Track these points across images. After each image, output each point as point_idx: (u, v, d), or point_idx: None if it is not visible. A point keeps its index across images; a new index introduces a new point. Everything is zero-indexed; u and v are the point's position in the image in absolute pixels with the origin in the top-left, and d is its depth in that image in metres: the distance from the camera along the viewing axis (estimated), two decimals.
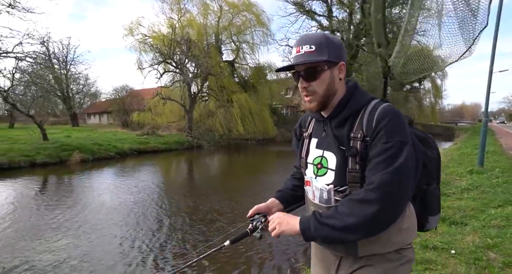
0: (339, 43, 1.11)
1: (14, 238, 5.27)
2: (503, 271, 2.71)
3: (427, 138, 1.24)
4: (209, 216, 6.49)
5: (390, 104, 1.07)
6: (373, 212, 0.95)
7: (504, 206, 4.47)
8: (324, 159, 1.14)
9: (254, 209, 1.30)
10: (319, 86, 1.09)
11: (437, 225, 1.29)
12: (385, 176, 0.97)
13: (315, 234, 1.03)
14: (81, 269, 4.23)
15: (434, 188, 1.20)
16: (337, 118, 1.12)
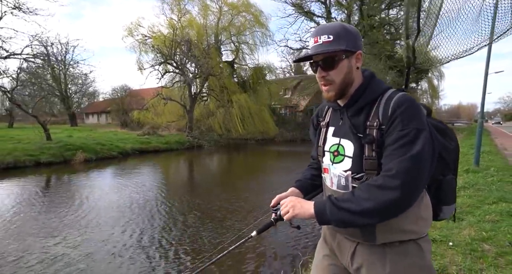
0: (356, 33, 1.13)
1: (23, 235, 5.49)
2: (496, 260, 2.96)
3: (446, 128, 1.25)
4: (218, 214, 6.72)
5: (406, 93, 1.08)
6: (392, 198, 0.97)
7: (498, 203, 4.74)
8: (341, 146, 1.16)
9: (276, 198, 1.32)
10: (337, 75, 1.11)
11: (454, 216, 1.30)
12: (404, 163, 0.98)
13: (330, 217, 1.04)
14: (91, 266, 4.45)
15: (450, 178, 1.21)
16: (353, 107, 1.14)
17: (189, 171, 14.38)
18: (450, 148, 1.21)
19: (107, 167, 13.13)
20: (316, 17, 29.44)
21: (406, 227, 1.08)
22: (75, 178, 10.86)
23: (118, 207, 7.16)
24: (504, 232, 3.59)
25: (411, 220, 1.08)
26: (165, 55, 21.78)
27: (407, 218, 1.06)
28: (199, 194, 8.81)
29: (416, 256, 1.09)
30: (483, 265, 2.90)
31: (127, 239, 5.30)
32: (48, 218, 6.35)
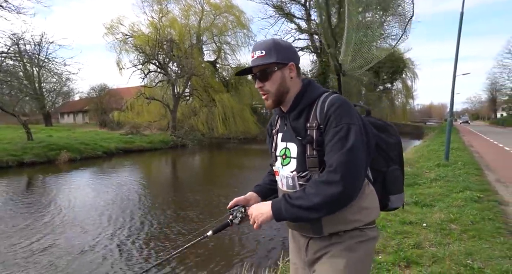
0: (287, 46, 1.24)
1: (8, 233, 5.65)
2: (460, 236, 3.54)
3: (386, 125, 1.36)
4: (200, 209, 7.06)
5: (338, 95, 1.20)
6: (336, 191, 1.06)
7: (463, 191, 5.41)
8: (288, 149, 1.25)
9: (233, 201, 1.40)
10: (272, 85, 1.21)
11: (403, 204, 1.37)
12: (341, 157, 1.07)
13: (285, 214, 1.13)
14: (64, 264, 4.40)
15: (393, 169, 1.30)
16: (294, 112, 1.23)
17: (173, 169, 14.58)
18: (390, 141, 1.31)
19: (92, 167, 13.11)
20: (296, 19, 30.24)
21: (350, 217, 1.16)
22: (60, 178, 10.84)
23: (100, 205, 7.19)
24: (468, 214, 4.21)
25: (354, 210, 1.16)
26: (148, 54, 21.71)
27: (350, 208, 1.14)
28: (179, 191, 9.14)
29: (357, 240, 1.18)
30: (450, 240, 3.47)
31: (96, 236, 5.35)
32: (32, 217, 6.37)
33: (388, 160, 1.30)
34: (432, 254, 3.10)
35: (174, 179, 12.03)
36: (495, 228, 3.69)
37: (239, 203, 1.39)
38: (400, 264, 2.96)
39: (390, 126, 1.36)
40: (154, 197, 8.19)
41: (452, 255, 3.04)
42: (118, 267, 4.32)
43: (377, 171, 1.27)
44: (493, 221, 3.93)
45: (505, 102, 53.95)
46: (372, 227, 1.22)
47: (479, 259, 2.93)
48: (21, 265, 4.32)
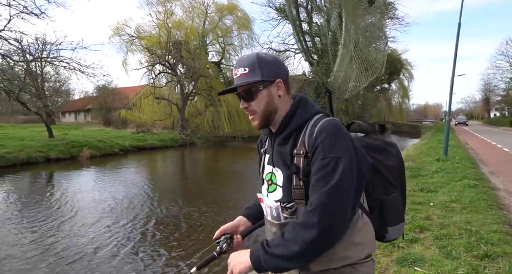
0: (273, 61, 1.11)
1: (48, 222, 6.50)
2: (461, 211, 4.46)
3: (386, 146, 1.22)
4: (231, 201, 7.98)
5: (330, 119, 1.05)
6: (314, 235, 0.93)
7: (462, 180, 6.34)
8: (273, 175, 1.13)
9: (220, 230, 1.29)
10: (257, 105, 1.09)
11: (403, 234, 1.24)
12: (322, 196, 0.95)
13: (265, 266, 1.00)
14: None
15: (393, 197, 1.16)
16: (281, 135, 1.10)
17: (189, 165, 15.45)
18: (390, 164, 1.18)
19: (112, 163, 13.93)
20: (298, 22, 31.04)
21: (340, 254, 1.04)
22: (85, 172, 11.69)
23: (127, 197, 7.82)
24: (466, 196, 5.14)
25: (344, 246, 1.03)
26: (159, 56, 22.51)
27: (340, 245, 1.01)
28: (205, 184, 10.00)
29: None
30: (453, 214, 4.39)
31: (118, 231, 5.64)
32: (65, 204, 7.31)
33: (387, 185, 1.16)
34: (439, 223, 4.01)
35: (194, 174, 12.90)
36: (488, 205, 4.63)
37: (227, 231, 1.28)
38: (415, 230, 3.86)
39: (391, 146, 1.23)
40: (175, 191, 9.06)
41: (455, 223, 3.95)
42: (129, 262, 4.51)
43: (374, 199, 1.14)
44: (487, 201, 4.87)
45: (498, 102, 55.43)
46: (366, 261, 1.09)
47: (476, 225, 3.85)
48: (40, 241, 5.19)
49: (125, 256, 4.66)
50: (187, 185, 10.08)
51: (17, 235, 5.33)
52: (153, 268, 4.33)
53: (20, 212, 6.67)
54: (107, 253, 4.72)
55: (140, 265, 4.40)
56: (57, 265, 4.31)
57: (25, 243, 4.97)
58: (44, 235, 5.29)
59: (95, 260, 4.48)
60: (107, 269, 4.24)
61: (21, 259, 4.47)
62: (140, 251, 4.83)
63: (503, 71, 44.74)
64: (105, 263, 4.40)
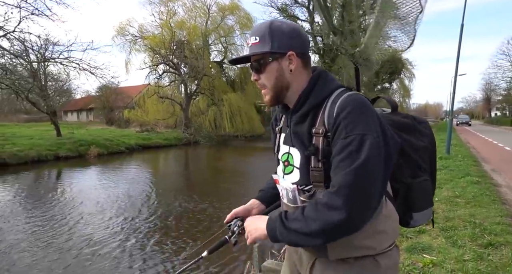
0: (287, 31, 0.99)
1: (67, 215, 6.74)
2: (464, 205, 4.69)
3: (414, 124, 1.12)
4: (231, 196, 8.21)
5: (353, 93, 0.96)
6: (337, 218, 0.86)
7: (465, 177, 6.57)
8: (290, 155, 1.06)
9: (231, 213, 1.25)
10: (267, 79, 1.02)
11: (433, 220, 1.18)
12: (347, 177, 0.86)
13: (280, 237, 0.96)
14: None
15: (421, 180, 1.07)
16: (298, 113, 1.02)
17: (194, 163, 15.67)
18: (420, 144, 1.09)
19: (119, 161, 14.18)
20: (299, 21, 31.29)
21: (361, 243, 0.98)
22: (93, 170, 11.94)
23: (137, 194, 8.04)
24: (469, 191, 5.37)
25: (367, 234, 0.97)
26: (163, 56, 22.74)
27: (361, 233, 0.93)
28: (211, 181, 10.25)
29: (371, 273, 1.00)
30: (457, 208, 4.61)
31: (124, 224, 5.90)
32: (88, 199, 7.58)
33: (416, 168, 1.08)
34: (445, 216, 4.24)
35: (200, 171, 13.13)
36: (491, 200, 4.85)
37: (238, 214, 1.24)
38: None
39: (422, 123, 1.14)
40: (184, 187, 9.31)
41: (460, 216, 4.18)
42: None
43: (399, 183, 1.05)
44: (489, 196, 5.09)
45: (499, 102, 55.59)
46: (388, 250, 1.02)
47: (479, 218, 4.07)
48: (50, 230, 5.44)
49: (138, 243, 4.98)
50: (195, 182, 10.32)
51: (32, 228, 5.58)
52: (164, 254, 4.62)
53: (33, 206, 6.94)
54: (122, 241, 5.05)
55: (152, 250, 4.70)
56: (73, 252, 4.60)
57: (42, 233, 5.23)
58: (61, 229, 5.55)
59: (110, 246, 4.79)
60: (121, 255, 4.55)
61: (37, 245, 4.79)
62: (152, 238, 5.14)
63: (504, 70, 44.98)
64: (119, 249, 4.72)
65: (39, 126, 25.17)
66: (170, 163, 15.30)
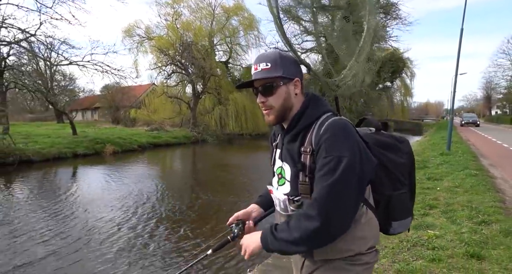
0: (293, 60, 1.18)
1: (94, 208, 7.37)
2: (463, 194, 5.30)
3: (395, 143, 1.26)
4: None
5: (336, 119, 1.09)
6: (313, 227, 1.00)
7: (464, 170, 7.18)
8: (283, 169, 1.19)
9: (233, 216, 1.37)
10: (276, 101, 1.14)
11: (408, 229, 1.29)
12: (322, 191, 1.00)
13: (272, 247, 1.10)
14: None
15: (400, 193, 1.21)
16: (291, 133, 1.16)
17: (204, 160, 16.28)
18: (399, 161, 1.22)
19: (133, 158, 14.81)
20: (303, 22, 31.82)
21: (341, 247, 1.10)
22: (113, 167, 12.54)
23: (154, 189, 8.70)
24: (468, 182, 5.98)
25: (346, 240, 1.09)
26: (171, 56, 23.36)
27: (341, 240, 1.08)
28: (223, 175, 10.87)
29: (351, 262, 1.13)
30: (456, 195, 5.23)
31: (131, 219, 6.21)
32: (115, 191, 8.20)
33: (396, 182, 1.21)
34: (445, 202, 4.85)
35: (211, 167, 13.75)
36: (486, 189, 5.47)
37: (239, 217, 1.36)
38: (425, 207, 4.69)
39: (402, 143, 1.28)
40: (196, 182, 9.91)
41: (459, 202, 4.79)
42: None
43: (380, 195, 1.19)
44: (485, 186, 5.71)
45: (500, 100, 56.07)
46: (369, 252, 1.16)
47: (475, 203, 4.68)
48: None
49: (149, 239, 5.24)
50: (207, 177, 10.93)
51: (61, 217, 6.21)
52: (174, 251, 4.84)
53: (60, 199, 7.54)
54: (131, 234, 5.38)
55: (162, 247, 4.92)
56: (86, 240, 5.08)
57: (64, 224, 5.86)
58: (85, 220, 6.16)
59: (120, 238, 5.24)
60: (129, 249, 4.81)
61: (56, 232, 5.37)
62: (163, 234, 5.46)
63: (504, 69, 45.48)
64: (127, 243, 5.02)
65: (48, 125, 25.84)
66: (181, 160, 15.95)
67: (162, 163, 14.26)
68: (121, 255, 4.60)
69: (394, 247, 3.27)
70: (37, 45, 14.17)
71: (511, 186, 6.08)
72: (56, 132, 16.61)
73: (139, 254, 4.68)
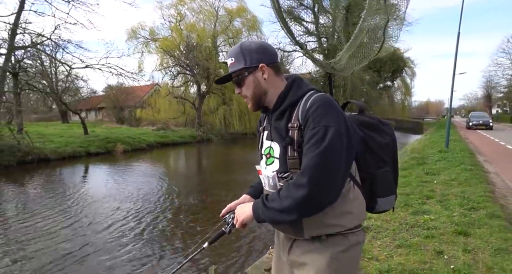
0: (255, 48, 1.20)
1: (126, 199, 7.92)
2: (457, 186, 5.83)
3: (379, 123, 1.31)
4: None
5: (322, 94, 1.14)
6: (302, 194, 1.03)
7: (460, 165, 7.71)
8: (271, 149, 1.22)
9: (226, 208, 1.41)
10: (247, 90, 1.21)
11: (393, 207, 1.33)
12: (311, 160, 1.04)
13: (263, 216, 1.13)
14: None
15: (384, 171, 1.25)
16: (276, 112, 1.20)
17: (212, 159, 16.89)
18: (383, 141, 1.27)
19: (143, 156, 15.39)
20: (305, 22, 32.42)
21: (330, 221, 1.14)
22: (125, 165, 13.11)
23: (165, 187, 9.48)
24: (463, 176, 6.50)
25: (335, 214, 1.13)
26: (176, 57, 23.94)
27: (331, 212, 1.11)
28: (231, 173, 11.42)
29: (341, 248, 1.15)
30: (451, 187, 5.76)
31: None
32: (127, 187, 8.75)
33: (379, 161, 1.26)
34: (441, 193, 5.38)
35: (218, 165, 14.32)
36: (479, 182, 6.00)
37: (232, 208, 1.38)
38: (423, 198, 5.22)
39: (385, 125, 1.33)
40: (204, 180, 10.45)
41: (453, 193, 5.32)
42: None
43: (365, 173, 1.24)
44: (478, 179, 6.24)
45: (500, 99, 56.51)
46: (356, 231, 1.19)
47: (468, 193, 5.20)
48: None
49: (159, 233, 5.56)
50: (214, 176, 11.48)
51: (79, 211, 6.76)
52: (175, 244, 5.08)
53: (77, 195, 8.08)
54: (136, 229, 5.67)
55: (164, 241, 5.18)
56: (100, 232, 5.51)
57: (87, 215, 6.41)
58: (103, 214, 6.72)
59: (127, 230, 5.65)
60: (132, 242, 5.06)
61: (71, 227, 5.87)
62: (166, 229, 5.75)
63: (504, 68, 45.85)
64: (130, 237, 5.30)
65: (55, 125, 26.36)
66: (189, 159, 16.51)
67: (171, 161, 14.83)
68: (133, 245, 4.93)
69: (394, 228, 3.80)
70: (51, 49, 14.74)
71: (502, 180, 6.62)
72: (67, 132, 17.18)
73: (152, 246, 4.93)
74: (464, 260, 2.85)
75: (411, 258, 2.97)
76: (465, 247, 3.07)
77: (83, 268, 4.24)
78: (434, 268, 2.74)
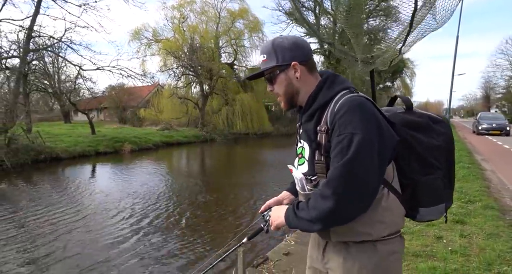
0: (288, 45, 1.15)
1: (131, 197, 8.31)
2: (456, 182, 6.20)
3: (430, 124, 1.18)
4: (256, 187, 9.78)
5: (353, 95, 1.07)
6: (329, 206, 0.99)
7: (458, 163, 8.05)
8: (303, 149, 1.20)
9: (265, 204, 1.42)
10: (279, 88, 1.19)
11: (445, 217, 1.25)
12: (336, 171, 1.00)
13: (293, 224, 1.12)
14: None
15: (431, 178, 1.13)
16: (307, 113, 1.17)
17: (217, 158, 17.28)
18: (434, 143, 1.15)
19: (150, 156, 15.77)
20: (306, 24, 32.73)
21: (358, 229, 1.09)
22: (133, 164, 13.50)
23: (174, 186, 9.90)
24: (460, 173, 6.92)
25: (365, 222, 1.08)
26: (180, 58, 24.34)
27: (360, 221, 1.06)
28: (238, 173, 11.82)
29: (370, 258, 1.11)
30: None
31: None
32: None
33: (426, 166, 1.13)
34: None
35: (223, 164, 14.72)
36: (476, 178, 6.41)
37: (271, 205, 1.40)
38: None
39: (437, 123, 1.20)
40: (214, 179, 10.84)
41: None
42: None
43: (408, 179, 1.13)
44: (475, 176, 6.65)
45: (498, 100, 57.02)
46: (388, 238, 1.12)
47: (465, 188, 5.62)
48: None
49: (187, 230, 5.94)
50: (220, 175, 11.87)
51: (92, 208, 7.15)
52: (209, 240, 5.10)
53: (90, 191, 8.48)
54: (163, 227, 5.81)
55: (197, 238, 5.25)
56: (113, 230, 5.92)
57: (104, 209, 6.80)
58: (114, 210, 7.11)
59: (152, 230, 5.85)
60: (163, 240, 5.05)
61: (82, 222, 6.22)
62: (194, 227, 5.85)
63: (503, 69, 46.40)
64: (159, 234, 5.32)
65: (59, 125, 26.68)
66: (194, 158, 16.91)
67: (178, 161, 15.22)
68: (149, 240, 5.09)
69: None
70: (60, 51, 15.17)
71: (498, 177, 7.04)
72: (74, 132, 17.54)
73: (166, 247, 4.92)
74: (461, 243, 3.26)
75: (414, 242, 3.37)
76: (461, 233, 3.48)
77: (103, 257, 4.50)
78: (434, 250, 3.14)
